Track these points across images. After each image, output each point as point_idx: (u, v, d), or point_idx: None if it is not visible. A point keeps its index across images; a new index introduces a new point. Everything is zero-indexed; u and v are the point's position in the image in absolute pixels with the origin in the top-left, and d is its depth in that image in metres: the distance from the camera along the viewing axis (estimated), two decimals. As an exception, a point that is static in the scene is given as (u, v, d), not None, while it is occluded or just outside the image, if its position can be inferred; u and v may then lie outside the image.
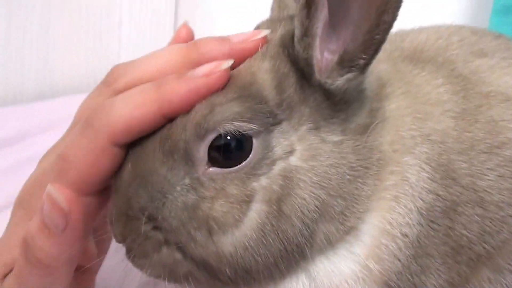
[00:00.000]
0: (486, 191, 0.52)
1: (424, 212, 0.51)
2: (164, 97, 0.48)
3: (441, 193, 0.52)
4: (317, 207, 0.49)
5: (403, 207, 0.51)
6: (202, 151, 0.48)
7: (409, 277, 0.52)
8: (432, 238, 0.52)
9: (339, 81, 0.49)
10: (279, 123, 0.49)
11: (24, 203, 0.56)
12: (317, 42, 0.49)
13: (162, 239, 0.49)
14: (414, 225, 0.51)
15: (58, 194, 0.49)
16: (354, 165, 0.51)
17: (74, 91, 1.44)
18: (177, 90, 0.48)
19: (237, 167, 0.48)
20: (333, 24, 0.49)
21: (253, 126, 0.47)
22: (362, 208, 0.51)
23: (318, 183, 0.49)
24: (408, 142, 0.53)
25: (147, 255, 0.50)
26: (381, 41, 0.47)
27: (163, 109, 0.48)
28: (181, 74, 0.50)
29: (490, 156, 0.53)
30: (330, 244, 0.51)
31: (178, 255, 0.50)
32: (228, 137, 0.48)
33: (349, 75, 0.49)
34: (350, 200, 0.51)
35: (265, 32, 0.53)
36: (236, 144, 0.48)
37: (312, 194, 0.49)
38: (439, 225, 0.52)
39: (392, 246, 0.51)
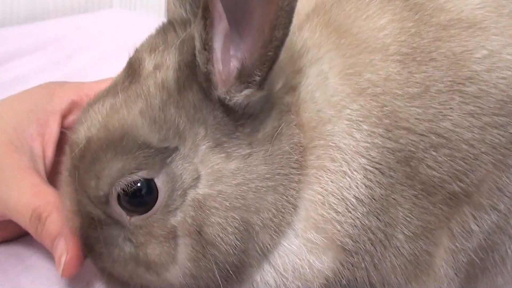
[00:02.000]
0: (451, 131, 0.50)
1: (370, 168, 0.50)
2: None
3: (389, 146, 0.50)
4: (237, 228, 0.49)
5: (332, 174, 0.50)
6: (116, 210, 0.50)
7: (371, 236, 0.51)
8: (392, 187, 0.50)
9: (237, 97, 0.48)
10: (175, 150, 0.49)
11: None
12: (218, 55, 0.47)
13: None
14: (357, 185, 0.50)
15: None
16: (268, 175, 0.50)
17: (65, 13, 1.43)
18: None
19: (152, 210, 0.49)
20: (234, 37, 0.47)
21: (143, 173, 0.48)
22: (293, 203, 0.51)
23: (230, 206, 0.49)
24: (328, 110, 0.51)
25: None
26: (274, 58, 0.45)
27: None
28: None
29: (451, 95, 0.50)
30: (268, 250, 0.52)
31: None
32: (129, 190, 0.48)
33: (247, 91, 0.47)
34: (276, 209, 0.50)
35: None
36: (140, 192, 0.49)
37: (227, 218, 0.49)
38: (396, 172, 0.50)
39: (330, 214, 0.50)
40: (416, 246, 0.52)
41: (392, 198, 0.50)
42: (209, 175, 0.49)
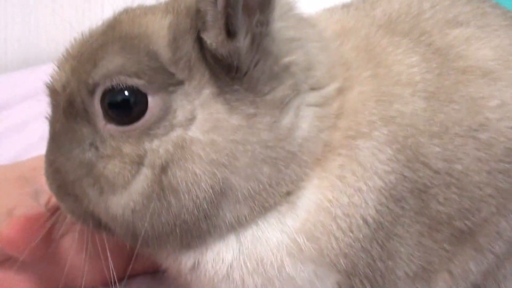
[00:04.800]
0: (463, 173, 0.51)
1: (385, 193, 0.49)
2: None
3: (407, 174, 0.50)
4: (212, 187, 0.46)
5: (349, 187, 0.49)
6: (95, 105, 0.47)
7: (370, 261, 0.50)
8: (401, 218, 0.50)
9: (212, 42, 0.46)
10: (180, 83, 0.47)
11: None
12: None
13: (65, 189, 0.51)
14: (367, 205, 0.49)
15: None
16: (271, 144, 0.47)
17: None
18: None
19: (132, 125, 0.47)
20: None
21: (140, 81, 0.46)
22: (289, 190, 0.49)
23: (216, 160, 0.46)
24: (364, 127, 0.51)
25: (63, 200, 0.52)
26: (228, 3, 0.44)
27: None
28: None
29: (467, 140, 0.52)
30: (240, 224, 0.49)
31: (76, 205, 0.51)
32: (118, 92, 0.46)
33: (220, 38, 0.46)
34: (269, 184, 0.48)
35: None
36: (127, 100, 0.46)
37: (206, 171, 0.46)
38: (408, 203, 0.50)
39: (331, 226, 0.48)
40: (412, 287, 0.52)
41: (399, 230, 0.50)
42: (207, 121, 0.46)
